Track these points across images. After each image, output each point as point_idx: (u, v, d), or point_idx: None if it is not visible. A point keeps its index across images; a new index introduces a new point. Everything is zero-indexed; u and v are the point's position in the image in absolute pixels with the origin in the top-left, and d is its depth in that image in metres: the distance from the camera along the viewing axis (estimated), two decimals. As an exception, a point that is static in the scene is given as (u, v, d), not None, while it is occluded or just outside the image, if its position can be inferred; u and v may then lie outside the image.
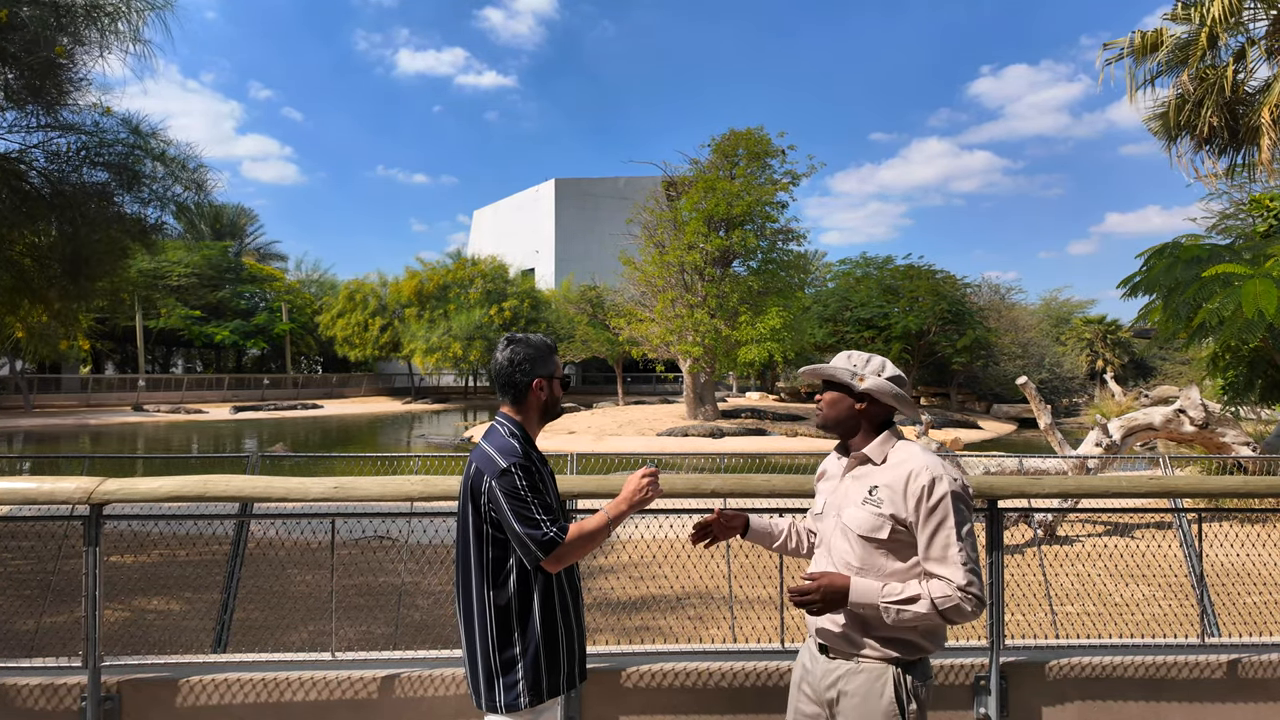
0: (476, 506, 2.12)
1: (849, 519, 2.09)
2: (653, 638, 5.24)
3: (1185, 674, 3.16)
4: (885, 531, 2.02)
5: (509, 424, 2.19)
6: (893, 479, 2.04)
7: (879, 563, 2.04)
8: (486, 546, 2.12)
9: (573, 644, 2.21)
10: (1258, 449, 9.95)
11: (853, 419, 2.15)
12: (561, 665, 2.16)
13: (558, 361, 2.28)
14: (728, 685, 3.02)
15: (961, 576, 1.94)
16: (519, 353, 2.19)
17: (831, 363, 2.20)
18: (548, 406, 2.25)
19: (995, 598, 3.07)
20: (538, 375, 2.19)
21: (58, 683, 2.92)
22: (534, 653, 2.11)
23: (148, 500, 2.90)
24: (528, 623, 2.12)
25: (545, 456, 2.31)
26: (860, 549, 2.06)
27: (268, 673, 2.98)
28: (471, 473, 2.14)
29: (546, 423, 2.28)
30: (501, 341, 2.22)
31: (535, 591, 2.12)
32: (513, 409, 2.22)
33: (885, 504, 2.02)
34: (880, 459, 2.11)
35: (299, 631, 5.27)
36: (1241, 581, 6.33)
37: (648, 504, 2.15)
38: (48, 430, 29.85)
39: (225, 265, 49.00)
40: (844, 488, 2.16)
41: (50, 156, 9.32)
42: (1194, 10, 11.94)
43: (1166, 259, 8.83)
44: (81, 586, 2.88)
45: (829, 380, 2.20)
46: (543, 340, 2.23)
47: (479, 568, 2.13)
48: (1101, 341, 46.32)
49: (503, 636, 2.10)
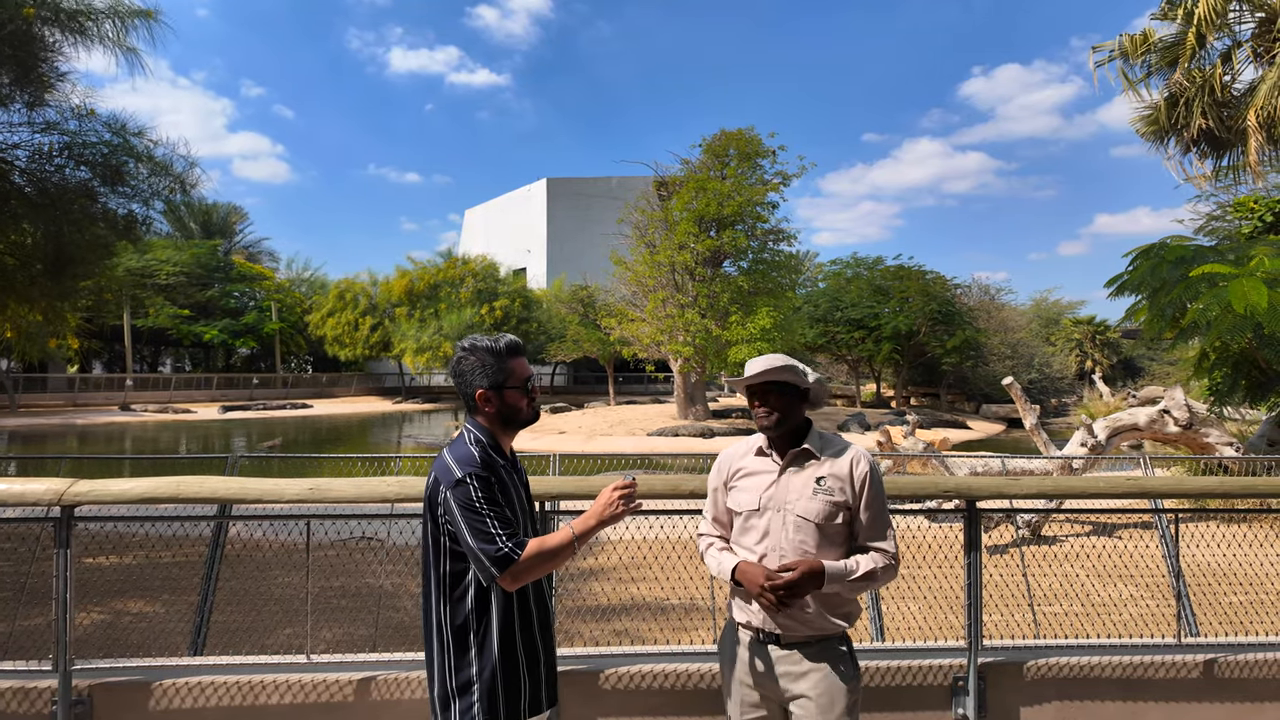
0: (434, 518, 2.03)
1: (804, 510, 2.20)
2: (634, 644, 5.22)
3: (1163, 674, 3.16)
4: (839, 518, 2.20)
5: (475, 431, 2.09)
6: (837, 469, 2.22)
7: (831, 546, 2.21)
8: (444, 560, 2.02)
9: (536, 668, 2.08)
10: (1241, 449, 10.02)
11: (799, 418, 2.29)
12: (523, 691, 2.04)
13: (514, 368, 2.10)
14: (706, 687, 3.00)
15: (893, 547, 2.23)
16: (463, 363, 2.09)
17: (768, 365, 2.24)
18: (503, 416, 2.10)
19: (973, 599, 3.07)
20: (479, 386, 2.07)
21: (28, 686, 2.88)
22: (490, 676, 1.99)
23: (120, 502, 2.87)
24: (485, 643, 2.00)
25: (518, 462, 2.22)
26: (815, 537, 2.20)
27: (242, 676, 2.95)
28: (430, 482, 2.05)
29: (515, 431, 2.15)
30: (455, 348, 2.14)
31: (494, 609, 2.01)
32: (477, 415, 2.13)
33: (836, 492, 2.20)
34: (819, 451, 2.26)
35: (278, 634, 5.23)
36: (1223, 581, 6.36)
37: (619, 520, 2.02)
38: (34, 430, 29.60)
39: (214, 264, 48.71)
40: (785, 482, 2.25)
41: (33, 155, 9.24)
42: (1179, 9, 12.01)
43: (1152, 259, 8.88)
44: (53, 589, 2.85)
45: (772, 384, 2.25)
46: (494, 347, 2.09)
47: (437, 582, 2.03)
48: (1090, 342, 46.59)
49: (459, 656, 2.00)
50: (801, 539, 2.20)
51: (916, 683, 3.07)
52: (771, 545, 2.24)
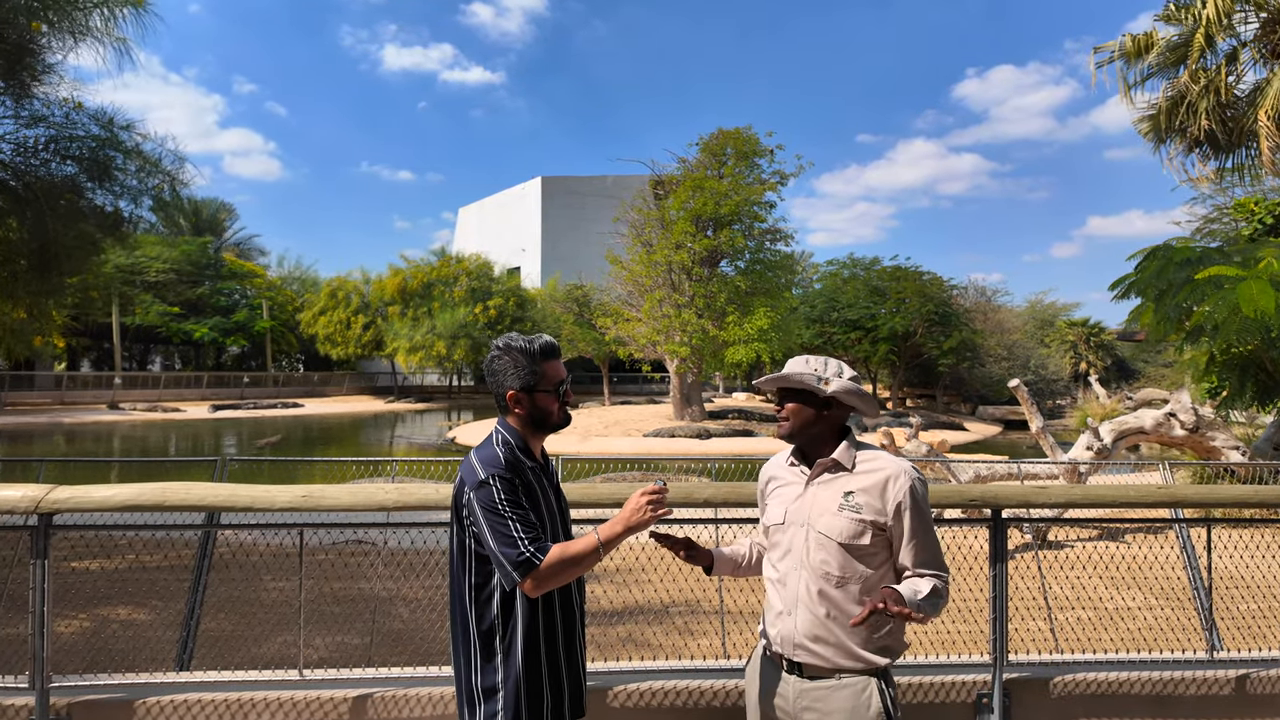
0: (460, 520, 1.99)
1: (826, 527, 2.02)
2: (639, 650, 5.08)
3: (1193, 690, 3.05)
4: (867, 537, 1.99)
5: (503, 432, 2.04)
6: (869, 484, 2.01)
7: (857, 569, 2.01)
8: (470, 562, 1.97)
9: (559, 679, 2.01)
10: (1247, 453, 9.94)
11: (817, 426, 2.09)
12: (546, 702, 1.97)
13: (547, 371, 2.05)
14: (719, 704, 2.87)
15: (944, 569, 2.02)
16: (496, 362, 2.05)
17: (788, 370, 2.10)
18: (533, 419, 2.05)
19: (998, 612, 2.95)
20: (510, 387, 2.03)
21: (4, 704, 2.72)
22: (515, 684, 1.94)
23: (101, 509, 2.71)
24: (510, 650, 1.95)
25: (550, 465, 2.15)
26: (840, 557, 2.01)
27: (231, 693, 2.80)
28: (456, 483, 2.01)
29: (545, 434, 2.09)
30: (491, 346, 2.09)
31: (519, 615, 1.96)
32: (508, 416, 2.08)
33: (865, 510, 1.99)
34: (850, 464, 2.06)
35: (270, 643, 5.05)
36: (1235, 588, 6.27)
37: (647, 527, 1.95)
38: (20, 429, 29.24)
39: (204, 261, 48.35)
40: (810, 495, 2.08)
41: (18, 149, 9.05)
42: (1185, 11, 11.96)
43: (1158, 261, 8.79)
44: (29, 602, 2.68)
45: (790, 389, 2.09)
46: (528, 348, 2.04)
47: (465, 585, 1.99)
48: (1085, 344, 46.68)
49: (484, 660, 1.95)
50: (823, 558, 2.02)
51: (939, 699, 2.95)
52: (792, 565, 2.08)
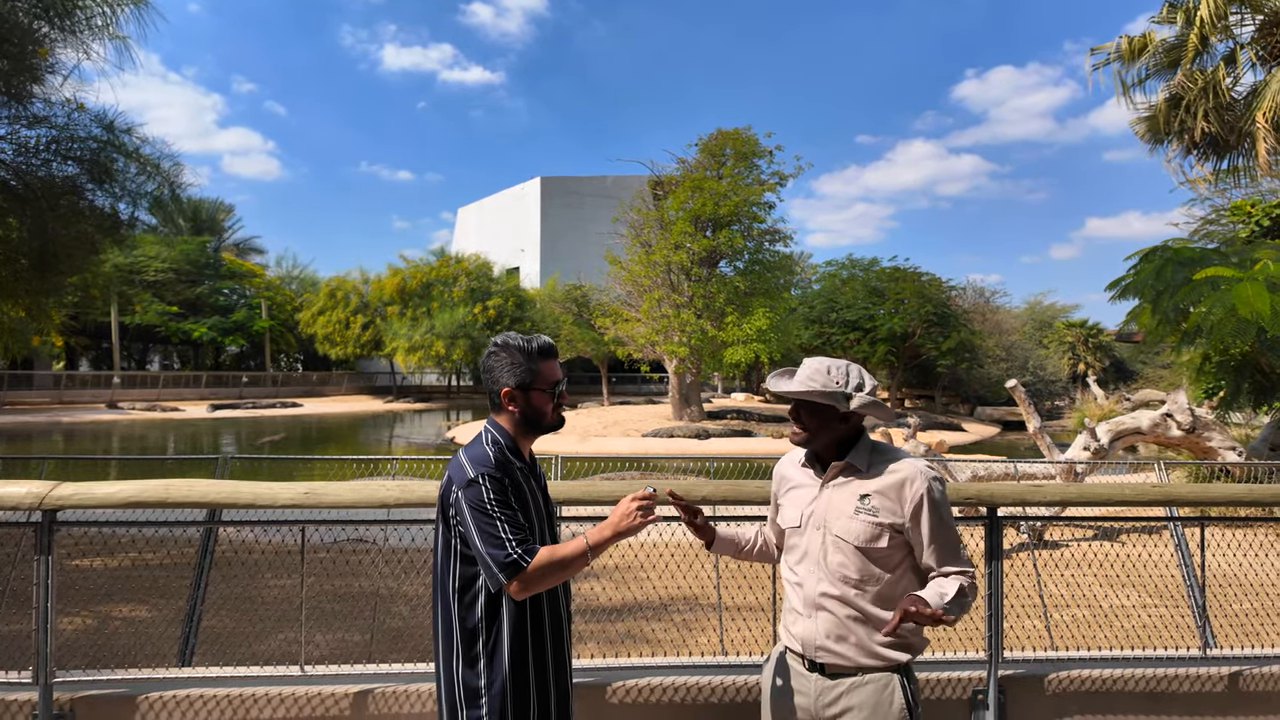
0: (446, 519, 1.96)
1: (842, 531, 2.01)
2: (638, 646, 5.10)
3: (1186, 687, 3.08)
4: (884, 540, 1.98)
5: (493, 431, 2.03)
6: (885, 487, 1.99)
7: (875, 572, 2.00)
8: (455, 562, 1.94)
9: (545, 683, 1.98)
10: (1243, 453, 9.99)
11: (833, 434, 2.06)
12: (531, 707, 1.94)
13: (543, 371, 2.03)
14: (717, 700, 2.89)
15: (969, 566, 2.00)
16: (492, 359, 2.04)
17: (806, 377, 2.05)
18: (526, 419, 2.03)
19: (994, 609, 2.97)
20: (505, 385, 2.00)
21: (7, 699, 2.74)
22: (501, 688, 1.90)
23: (105, 506, 2.73)
24: (495, 653, 1.91)
25: (537, 466, 2.13)
26: (858, 560, 2.00)
27: (233, 689, 2.82)
28: (444, 482, 1.99)
29: (536, 435, 2.07)
30: (489, 344, 2.08)
31: (505, 618, 1.92)
32: (499, 415, 2.06)
33: (882, 513, 1.98)
34: (865, 466, 2.04)
35: (271, 640, 5.08)
36: (1230, 587, 6.30)
37: (636, 533, 1.94)
38: (18, 428, 29.24)
39: (203, 261, 48.32)
40: (826, 498, 2.06)
41: (19, 150, 9.06)
42: (1180, 11, 11.99)
43: (1156, 261, 8.81)
44: (33, 598, 2.71)
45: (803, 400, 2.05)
46: (525, 346, 2.02)
47: (449, 585, 1.96)
48: (1083, 345, 46.70)
49: (468, 664, 1.92)
50: (841, 561, 2.01)
51: (935, 696, 2.97)
52: (810, 568, 2.07)
